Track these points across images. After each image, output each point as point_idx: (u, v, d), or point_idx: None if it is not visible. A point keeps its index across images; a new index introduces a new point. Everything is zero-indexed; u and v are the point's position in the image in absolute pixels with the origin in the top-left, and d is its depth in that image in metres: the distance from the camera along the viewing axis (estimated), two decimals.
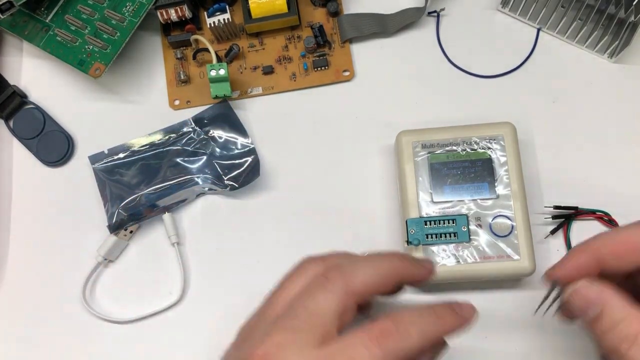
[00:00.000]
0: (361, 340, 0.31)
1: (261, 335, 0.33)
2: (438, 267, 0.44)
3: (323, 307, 0.32)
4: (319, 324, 0.32)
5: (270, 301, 0.35)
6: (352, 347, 0.31)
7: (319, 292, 0.33)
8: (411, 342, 0.32)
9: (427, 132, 0.47)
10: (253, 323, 0.36)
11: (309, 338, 0.32)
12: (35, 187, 0.52)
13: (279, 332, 0.32)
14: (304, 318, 0.32)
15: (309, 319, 0.32)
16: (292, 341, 0.32)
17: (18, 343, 0.49)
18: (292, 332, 0.32)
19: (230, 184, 0.50)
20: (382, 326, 0.32)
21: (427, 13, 0.54)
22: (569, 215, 0.48)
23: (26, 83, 0.55)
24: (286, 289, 0.35)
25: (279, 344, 0.32)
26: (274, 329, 0.33)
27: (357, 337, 0.31)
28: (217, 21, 0.51)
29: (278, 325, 0.33)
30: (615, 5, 0.48)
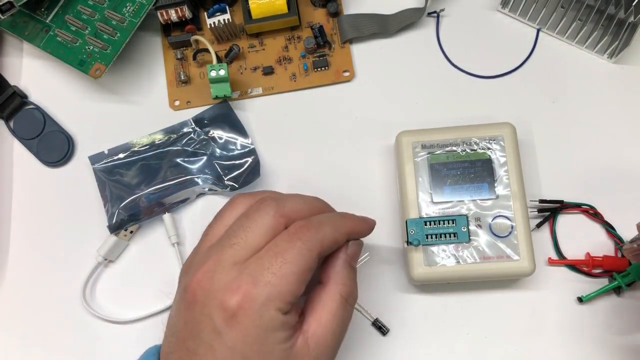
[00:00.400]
0: (282, 237, 0.35)
1: (198, 263, 0.36)
2: (438, 267, 0.44)
3: (257, 225, 0.36)
4: (252, 239, 0.36)
5: (205, 234, 0.39)
6: (276, 246, 0.35)
7: (254, 214, 0.37)
8: (325, 233, 0.36)
9: (427, 133, 0.47)
10: (190, 259, 0.39)
11: (243, 253, 0.35)
12: (35, 187, 0.52)
13: (215, 252, 0.36)
14: (240, 235, 0.36)
15: (245, 236, 0.36)
16: (228, 256, 0.35)
17: (18, 343, 0.49)
18: (229, 248, 0.35)
19: (231, 184, 0.50)
20: (298, 224, 0.36)
21: (427, 13, 0.54)
22: (555, 209, 0.48)
23: (26, 83, 0.55)
24: (219, 222, 0.39)
25: (216, 262, 0.35)
26: (211, 252, 0.36)
27: (279, 237, 0.36)
28: (217, 21, 0.51)
29: (214, 248, 0.36)
30: (615, 6, 0.48)
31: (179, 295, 0.37)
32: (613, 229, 0.48)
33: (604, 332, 0.46)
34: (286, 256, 0.34)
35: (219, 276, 0.35)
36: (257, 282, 0.34)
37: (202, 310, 0.35)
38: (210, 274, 0.35)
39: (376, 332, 0.47)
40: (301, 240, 0.35)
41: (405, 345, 0.47)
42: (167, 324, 0.38)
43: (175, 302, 0.38)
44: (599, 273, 0.47)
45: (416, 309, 0.47)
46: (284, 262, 0.34)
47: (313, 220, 0.37)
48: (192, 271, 0.36)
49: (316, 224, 0.36)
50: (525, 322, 0.47)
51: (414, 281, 0.45)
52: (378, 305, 0.48)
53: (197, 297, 0.35)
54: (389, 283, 0.48)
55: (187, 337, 0.35)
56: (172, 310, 0.38)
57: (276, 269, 0.34)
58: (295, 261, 0.34)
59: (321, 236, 0.36)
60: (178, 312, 0.37)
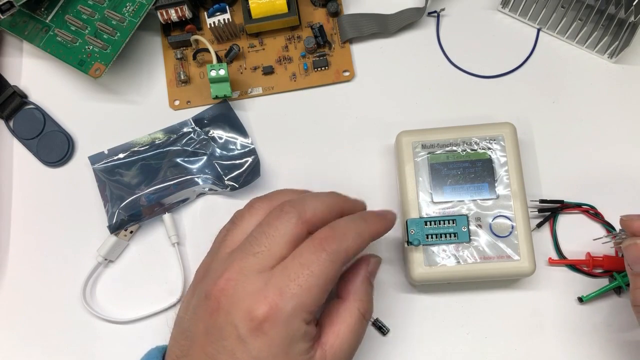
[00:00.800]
0: (307, 248, 0.36)
1: (219, 269, 0.37)
2: (438, 267, 0.44)
3: (280, 233, 0.36)
4: (276, 248, 0.36)
5: (223, 239, 0.39)
6: (301, 256, 0.35)
7: (276, 221, 0.37)
8: (349, 243, 0.37)
9: (427, 133, 0.47)
10: (208, 262, 0.39)
11: (267, 262, 0.36)
12: (35, 187, 0.52)
13: (238, 259, 0.36)
14: (263, 243, 0.36)
15: (268, 244, 0.36)
16: (252, 264, 0.36)
17: (18, 343, 0.49)
18: (252, 256, 0.36)
19: (231, 184, 0.50)
20: (322, 234, 0.36)
21: (427, 13, 0.54)
22: (555, 209, 0.48)
23: (26, 83, 0.55)
24: (238, 227, 0.39)
25: (240, 270, 0.36)
26: (233, 258, 0.36)
27: (304, 247, 0.36)
28: (217, 21, 0.51)
29: (236, 254, 0.37)
30: (615, 6, 0.48)
31: (197, 300, 0.37)
32: (613, 229, 0.48)
33: (605, 332, 0.46)
34: (312, 268, 0.35)
35: (244, 285, 0.35)
36: (283, 293, 0.34)
37: (226, 318, 0.35)
38: (234, 282, 0.35)
39: (376, 332, 0.47)
40: (326, 252, 0.36)
41: (405, 345, 0.47)
42: (178, 327, 0.39)
43: (191, 306, 0.38)
44: (599, 273, 0.47)
45: (416, 309, 0.47)
46: (310, 274, 0.35)
47: (337, 229, 0.37)
48: (214, 277, 0.36)
49: (340, 233, 0.37)
50: (526, 322, 0.47)
51: (414, 281, 0.45)
52: (378, 305, 0.48)
53: (221, 304, 0.35)
54: (389, 283, 0.48)
55: (207, 343, 0.35)
56: (187, 314, 0.38)
57: (302, 281, 0.35)
58: (320, 273, 0.35)
59: (345, 246, 0.36)
60: (196, 316, 0.37)
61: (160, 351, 0.40)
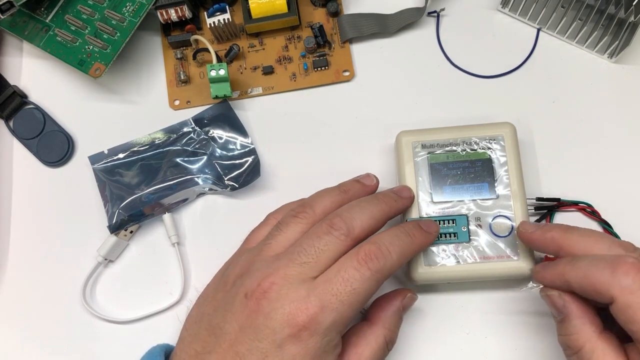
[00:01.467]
0: (351, 263, 0.37)
1: (263, 270, 0.37)
2: (438, 267, 0.44)
3: (329, 248, 0.38)
4: (322, 261, 0.37)
5: (268, 243, 0.40)
6: (345, 271, 0.36)
7: (326, 236, 0.38)
8: (392, 261, 0.38)
9: (426, 133, 0.47)
10: (248, 262, 0.39)
11: (312, 272, 0.37)
12: (35, 187, 0.52)
13: (284, 266, 0.37)
14: (311, 255, 0.37)
15: (316, 256, 0.37)
16: (297, 273, 0.37)
17: (18, 343, 0.49)
18: (299, 265, 0.37)
19: (231, 184, 0.50)
20: (367, 250, 0.37)
21: (427, 13, 0.54)
22: (552, 207, 0.48)
23: (26, 83, 0.55)
24: (284, 233, 0.40)
25: (285, 276, 0.36)
26: (279, 264, 0.37)
27: (348, 262, 0.37)
28: (217, 21, 0.51)
29: (282, 261, 0.37)
30: (615, 6, 0.48)
31: (234, 295, 0.38)
32: (610, 227, 0.48)
33: None
34: (355, 285, 0.36)
35: (287, 292, 0.36)
36: (325, 307, 0.35)
37: (265, 321, 0.36)
38: (278, 286, 0.36)
39: None
40: (370, 271, 0.37)
41: (405, 345, 0.47)
42: (201, 322, 0.39)
43: (222, 301, 0.38)
44: None
45: (416, 309, 0.47)
46: (352, 292, 0.36)
47: (382, 246, 0.38)
48: (256, 278, 0.37)
49: (385, 251, 0.38)
50: (525, 322, 0.47)
51: (414, 281, 0.45)
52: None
53: (262, 306, 0.36)
54: (389, 282, 0.48)
55: (239, 342, 0.36)
56: (218, 311, 0.38)
57: (344, 297, 0.36)
58: (362, 291, 0.36)
59: (390, 265, 0.38)
60: (231, 314, 0.37)
61: (162, 349, 0.40)
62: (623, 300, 0.34)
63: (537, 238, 0.41)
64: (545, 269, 0.40)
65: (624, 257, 0.35)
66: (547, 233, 0.41)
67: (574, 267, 0.37)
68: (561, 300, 0.38)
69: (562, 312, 0.38)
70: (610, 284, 0.34)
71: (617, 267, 0.34)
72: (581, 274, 0.36)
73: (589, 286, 0.36)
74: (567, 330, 0.37)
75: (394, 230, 0.40)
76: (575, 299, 0.38)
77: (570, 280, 0.37)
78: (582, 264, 0.37)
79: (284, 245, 0.39)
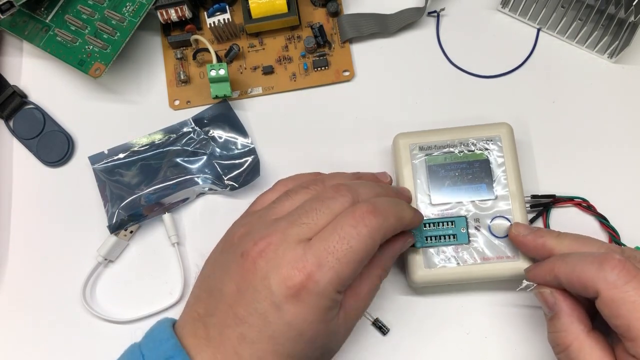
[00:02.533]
0: (347, 220, 0.36)
1: (261, 231, 0.37)
2: (438, 268, 0.44)
3: (330, 212, 0.37)
4: (322, 223, 0.37)
5: (273, 207, 0.39)
6: (342, 229, 0.36)
7: (329, 200, 0.38)
8: (389, 222, 0.37)
9: (423, 135, 0.47)
10: (249, 223, 0.39)
11: (311, 232, 0.36)
12: (35, 187, 0.52)
13: (283, 227, 0.37)
14: (312, 217, 0.37)
15: (317, 218, 0.37)
16: (295, 233, 0.36)
17: (18, 343, 0.49)
18: (298, 226, 0.36)
19: (231, 184, 0.50)
20: (363, 207, 0.37)
21: (427, 13, 0.53)
22: (547, 204, 0.48)
23: (26, 83, 0.55)
24: (292, 199, 0.39)
25: (283, 236, 0.36)
26: (278, 226, 0.37)
27: (344, 220, 0.36)
28: (217, 21, 0.51)
29: (282, 222, 0.37)
30: (615, 6, 0.48)
31: (230, 257, 0.37)
32: (606, 221, 0.48)
33: None
34: (352, 243, 0.35)
35: (283, 251, 0.36)
36: (321, 265, 0.35)
37: (263, 281, 0.35)
38: (275, 246, 0.36)
39: (376, 332, 0.47)
40: (367, 228, 0.36)
41: (405, 345, 0.47)
42: (202, 284, 0.39)
43: (220, 263, 0.38)
44: None
45: (416, 309, 0.47)
46: (349, 249, 0.35)
47: (379, 206, 0.37)
48: (254, 238, 0.37)
49: (382, 211, 0.37)
50: (525, 322, 0.47)
51: (415, 284, 0.45)
52: (378, 305, 0.48)
53: (258, 266, 0.35)
54: (389, 283, 0.48)
55: (237, 303, 0.36)
56: (216, 272, 0.38)
57: (341, 255, 0.35)
58: (359, 249, 0.36)
59: (386, 226, 0.37)
60: (228, 275, 0.37)
61: (170, 321, 0.40)
62: (608, 294, 0.35)
63: (528, 242, 0.42)
64: (536, 266, 0.41)
65: (611, 254, 0.36)
66: (539, 239, 0.41)
67: (564, 262, 0.38)
68: (552, 297, 0.39)
69: (553, 309, 0.39)
70: (597, 278, 0.35)
71: (604, 262, 0.35)
72: (569, 268, 0.37)
73: (576, 280, 0.36)
74: (556, 328, 0.38)
75: (389, 198, 0.40)
76: (566, 297, 0.38)
77: (559, 274, 0.38)
78: (571, 258, 0.38)
79: (287, 210, 0.39)
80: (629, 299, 0.34)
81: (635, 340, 0.34)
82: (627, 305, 0.34)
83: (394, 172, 0.48)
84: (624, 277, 0.35)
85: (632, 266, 0.35)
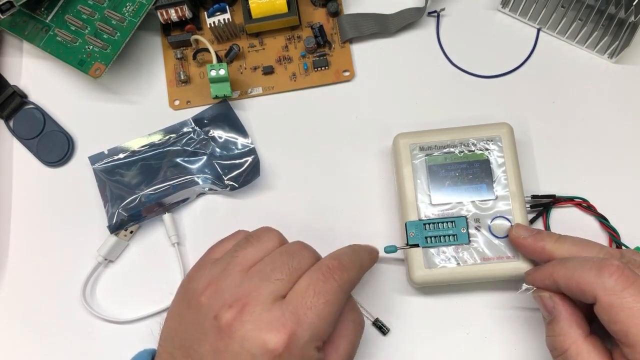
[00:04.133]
0: (318, 276, 0.37)
1: (230, 289, 0.36)
2: (438, 269, 0.44)
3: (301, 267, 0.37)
4: (294, 278, 0.37)
5: (235, 255, 0.39)
6: (316, 285, 0.36)
7: (297, 255, 0.38)
8: (353, 273, 0.38)
9: (424, 135, 0.47)
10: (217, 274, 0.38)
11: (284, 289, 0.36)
12: (35, 187, 0.52)
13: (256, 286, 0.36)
14: (285, 272, 0.37)
15: (289, 273, 0.37)
16: (270, 291, 0.36)
17: (18, 343, 0.49)
18: (272, 283, 0.36)
19: (231, 184, 0.50)
20: (330, 263, 0.38)
21: (427, 13, 0.53)
22: (547, 204, 0.48)
23: (26, 83, 0.55)
24: (254, 246, 0.39)
25: (257, 296, 0.36)
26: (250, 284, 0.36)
27: (314, 274, 0.37)
28: (217, 21, 0.51)
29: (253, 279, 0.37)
30: (615, 6, 0.48)
31: (202, 316, 0.37)
32: (607, 221, 0.48)
33: None
34: (328, 297, 0.36)
35: (260, 313, 0.35)
36: (301, 322, 0.35)
37: (242, 344, 0.35)
38: (251, 308, 0.35)
39: (376, 332, 0.47)
40: (337, 283, 0.37)
41: (405, 345, 0.47)
42: (173, 340, 0.38)
43: (192, 321, 0.37)
44: None
45: (416, 309, 0.48)
46: (326, 303, 0.36)
47: (342, 260, 0.38)
48: (226, 300, 0.36)
49: (346, 264, 0.38)
50: (525, 322, 0.47)
51: (415, 284, 0.45)
52: (378, 305, 0.48)
53: (235, 329, 0.35)
54: (389, 284, 0.48)
55: None
56: (188, 331, 0.37)
57: (319, 310, 0.36)
58: (334, 302, 0.36)
59: (352, 276, 0.38)
60: (204, 336, 0.36)
61: (149, 354, 0.40)
62: (606, 300, 0.35)
63: (528, 245, 0.42)
64: (536, 270, 0.41)
65: (610, 260, 0.36)
66: (538, 242, 0.41)
67: (563, 267, 0.38)
68: (551, 301, 0.39)
69: (552, 313, 0.39)
70: (595, 284, 0.35)
71: (602, 268, 0.36)
72: (569, 274, 0.37)
73: (575, 285, 0.37)
74: (554, 332, 0.38)
75: (346, 248, 0.41)
76: (565, 301, 0.38)
77: (558, 279, 0.38)
78: (570, 264, 0.38)
79: (252, 260, 0.38)
80: (627, 305, 0.34)
81: (633, 346, 0.34)
82: (625, 311, 0.34)
83: (394, 172, 0.48)
84: (622, 283, 0.35)
85: (631, 272, 0.35)
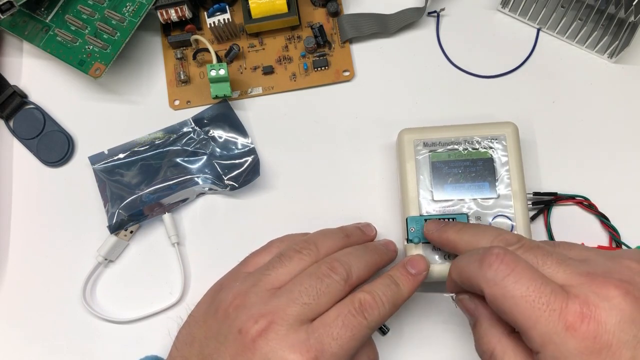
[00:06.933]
0: (349, 310, 0.37)
1: (259, 306, 0.37)
2: (437, 265, 0.44)
3: (330, 291, 0.38)
4: (323, 305, 0.37)
5: (267, 274, 0.40)
6: (345, 316, 0.37)
7: (326, 279, 0.38)
8: (385, 311, 0.38)
9: (429, 131, 0.47)
10: (246, 289, 0.39)
11: (311, 314, 0.37)
12: (35, 187, 0.52)
13: (284, 305, 0.37)
14: (313, 296, 0.37)
15: (317, 298, 0.37)
16: (297, 313, 0.36)
17: (18, 343, 0.49)
18: (300, 306, 0.37)
19: (230, 184, 0.50)
20: (362, 298, 0.38)
21: (427, 13, 0.54)
22: (549, 201, 0.48)
23: (26, 83, 0.55)
24: (286, 267, 0.40)
25: (284, 316, 0.36)
26: (279, 301, 0.37)
27: (345, 307, 0.37)
28: (217, 21, 0.51)
29: (282, 298, 0.37)
30: (615, 6, 0.48)
31: (227, 328, 0.37)
32: (607, 220, 0.48)
33: None
34: (354, 332, 0.37)
35: (285, 333, 0.36)
36: (324, 350, 0.36)
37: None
38: (276, 326, 0.36)
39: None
40: (367, 320, 0.37)
41: (405, 345, 0.47)
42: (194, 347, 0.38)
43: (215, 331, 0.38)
44: None
45: (416, 308, 0.47)
46: (352, 337, 0.36)
47: (376, 296, 0.38)
48: (253, 315, 0.37)
49: (379, 302, 0.38)
50: None
51: None
52: None
53: (258, 345, 0.35)
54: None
55: None
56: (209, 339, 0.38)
57: (344, 342, 0.36)
58: (359, 338, 0.37)
59: (383, 314, 0.38)
60: (225, 348, 0.37)
61: None
62: (489, 292, 0.33)
63: (435, 239, 0.42)
64: None
65: (491, 249, 0.34)
66: (443, 234, 0.41)
67: (453, 264, 0.38)
68: (472, 303, 0.38)
69: (474, 315, 0.37)
70: (479, 277, 0.34)
71: (483, 260, 0.34)
72: (458, 270, 0.37)
73: (466, 282, 0.36)
74: (479, 334, 0.37)
75: (385, 279, 0.40)
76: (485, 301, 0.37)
77: (456, 278, 0.37)
78: (460, 259, 0.37)
79: (283, 280, 0.39)
80: (508, 294, 0.32)
81: (525, 333, 0.32)
82: (508, 300, 0.32)
83: (397, 167, 0.48)
84: (502, 272, 0.33)
85: (512, 258, 0.33)
